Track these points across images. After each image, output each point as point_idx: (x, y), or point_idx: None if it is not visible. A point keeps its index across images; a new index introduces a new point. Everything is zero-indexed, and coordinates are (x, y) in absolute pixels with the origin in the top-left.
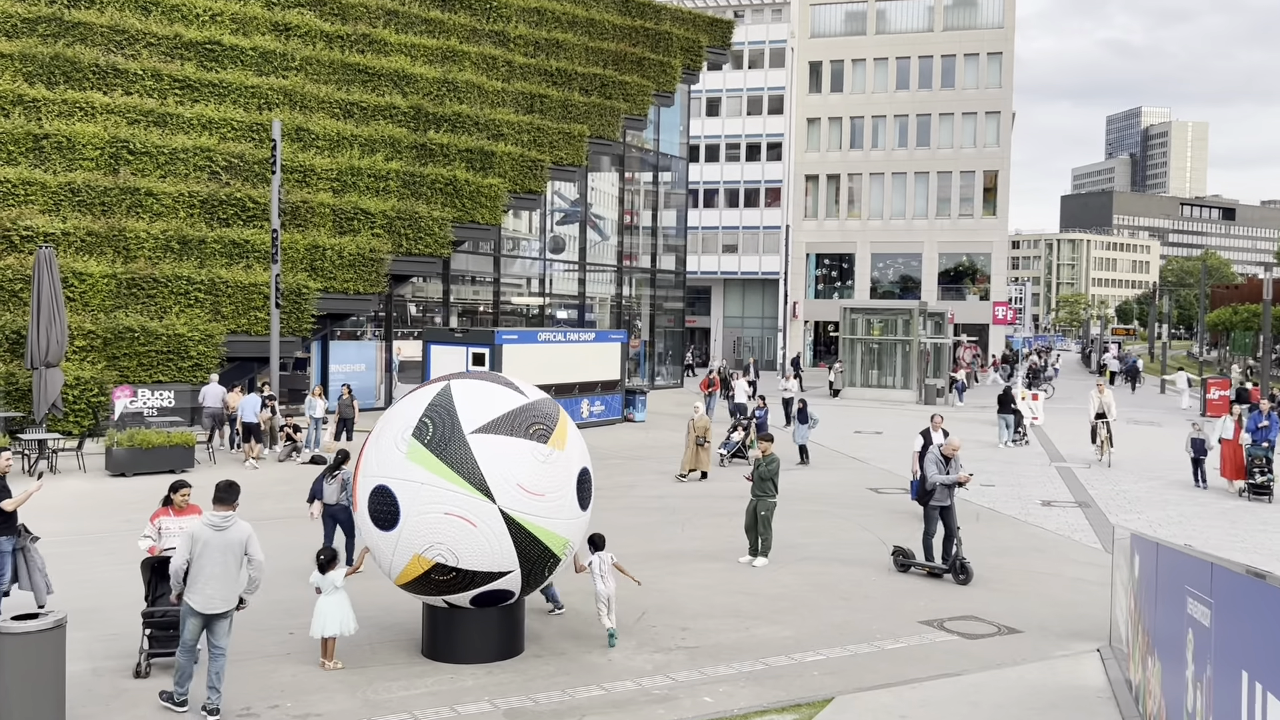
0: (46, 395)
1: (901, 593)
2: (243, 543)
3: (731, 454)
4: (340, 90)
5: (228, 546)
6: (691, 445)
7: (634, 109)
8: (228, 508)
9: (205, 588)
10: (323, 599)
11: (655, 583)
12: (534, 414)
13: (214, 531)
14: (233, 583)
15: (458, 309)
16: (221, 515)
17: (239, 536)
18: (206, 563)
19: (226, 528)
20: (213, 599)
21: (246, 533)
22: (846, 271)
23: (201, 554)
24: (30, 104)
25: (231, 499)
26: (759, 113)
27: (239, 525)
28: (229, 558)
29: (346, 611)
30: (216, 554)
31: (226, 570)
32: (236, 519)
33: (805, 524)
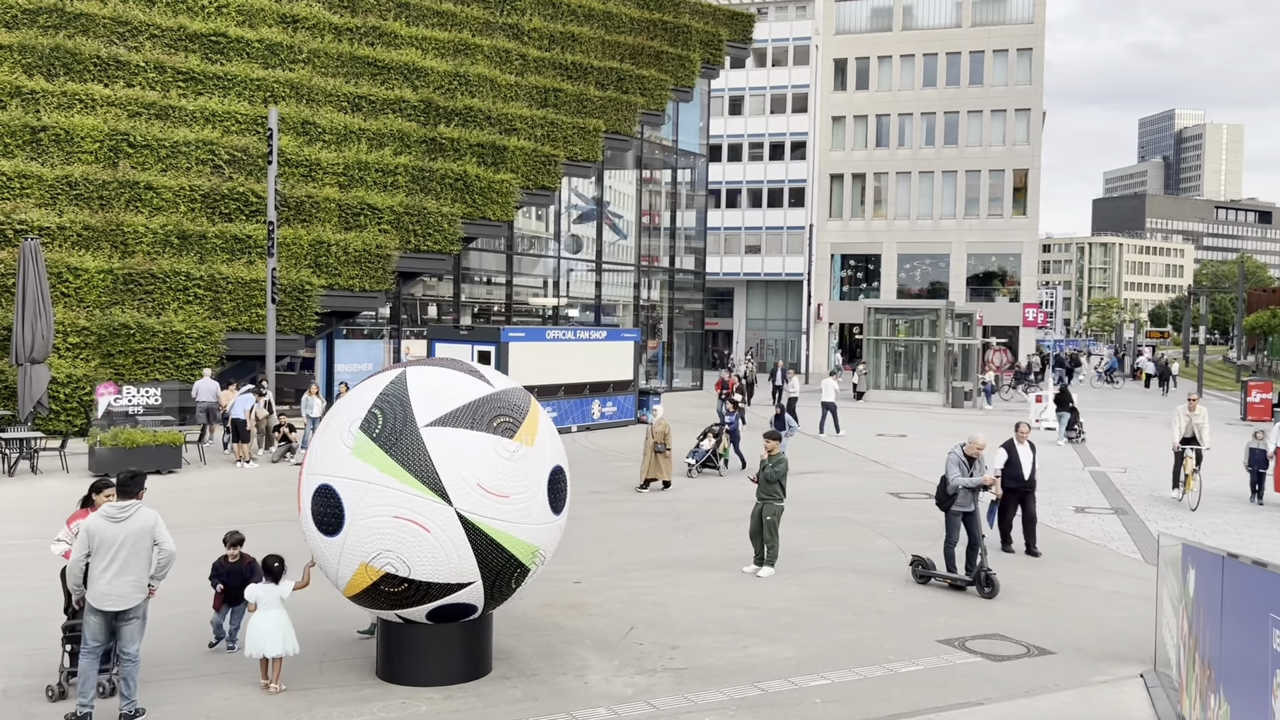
0: (32, 392)
1: (920, 607)
2: (147, 532)
3: (701, 463)
4: (348, 84)
5: (129, 538)
6: (649, 452)
7: (651, 104)
8: (128, 498)
9: (100, 582)
10: (259, 615)
11: (648, 594)
12: (499, 405)
13: (111, 524)
14: (134, 578)
15: (472, 308)
16: (119, 506)
17: (142, 526)
18: (103, 559)
19: (125, 518)
20: (108, 595)
21: (152, 520)
22: (872, 273)
23: (98, 549)
24: (29, 96)
25: (134, 489)
26: (783, 111)
27: (142, 514)
28: (130, 551)
29: (289, 629)
30: (114, 548)
31: (126, 565)
32: (140, 508)
33: (818, 530)
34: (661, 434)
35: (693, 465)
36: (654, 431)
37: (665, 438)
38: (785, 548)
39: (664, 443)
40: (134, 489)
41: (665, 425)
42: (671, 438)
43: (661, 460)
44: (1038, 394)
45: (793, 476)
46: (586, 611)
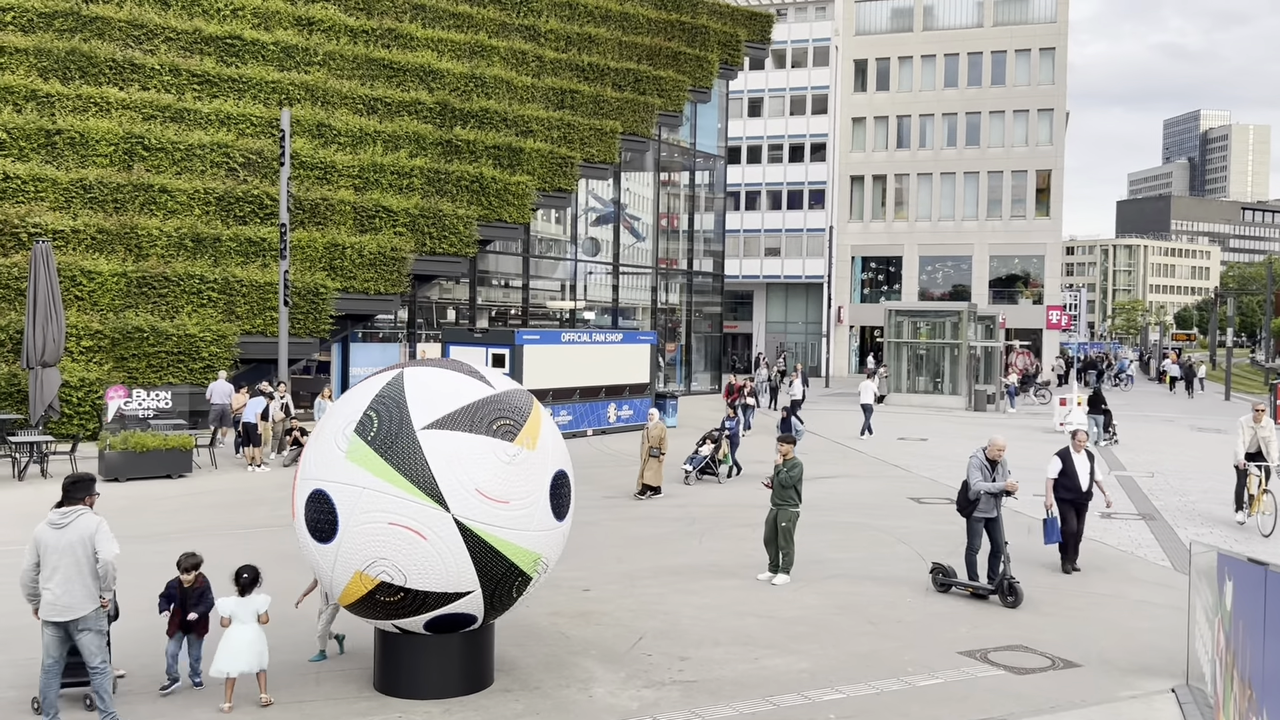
0: (43, 396)
1: (940, 617)
2: (87, 539)
3: (699, 469)
4: (364, 86)
5: (70, 547)
6: (645, 457)
7: (669, 105)
8: (72, 504)
9: (47, 593)
10: (234, 630)
11: (658, 603)
12: (500, 407)
13: (53, 531)
14: (79, 587)
15: (489, 312)
16: (61, 512)
17: (81, 533)
18: (48, 567)
19: (65, 525)
20: (54, 605)
21: (91, 528)
22: (893, 275)
23: (44, 557)
24: (44, 99)
25: (78, 495)
26: (802, 113)
27: (82, 521)
28: (72, 559)
29: (263, 647)
30: (55, 556)
31: (69, 574)
32: (83, 514)
33: (836, 537)
34: (658, 439)
35: (689, 471)
36: (649, 436)
37: (661, 442)
38: (801, 554)
39: (660, 448)
40: (78, 494)
41: (662, 429)
42: (668, 443)
43: (654, 465)
44: (1062, 396)
45: (810, 481)
46: (594, 620)
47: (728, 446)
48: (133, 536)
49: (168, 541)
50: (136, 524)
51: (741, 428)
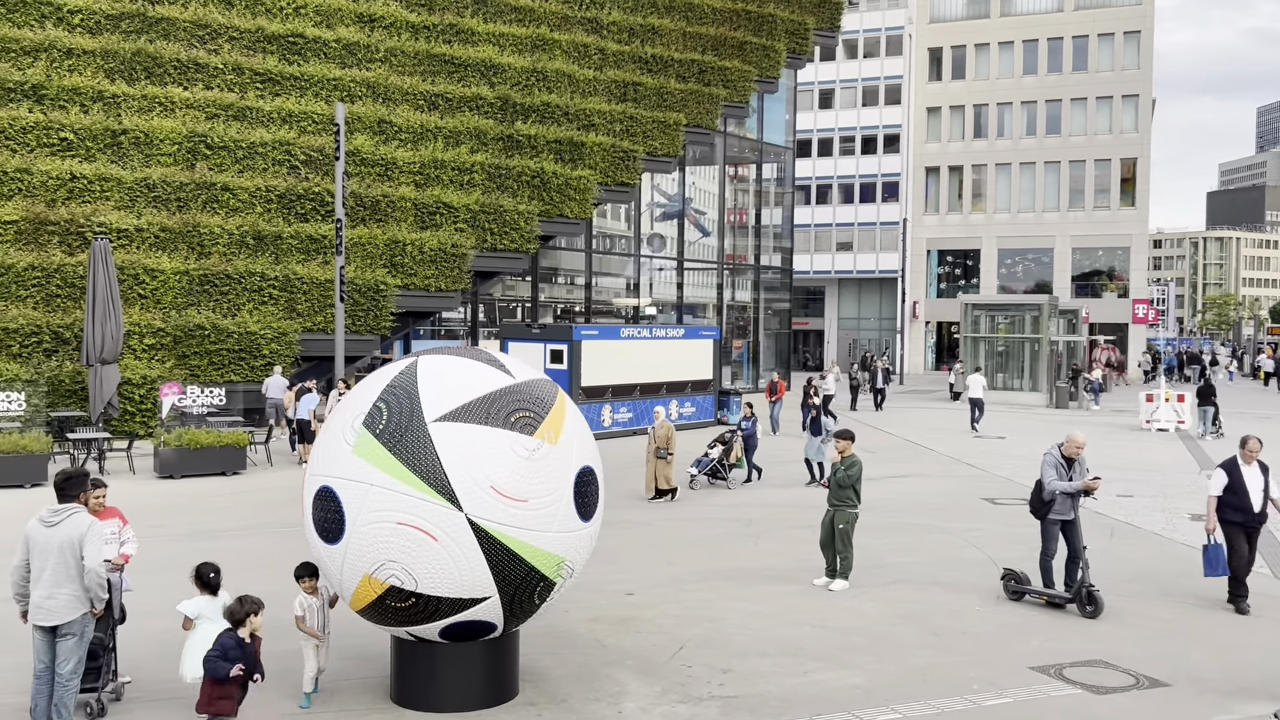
0: (103, 393)
1: (1011, 628)
2: (75, 542)
3: (706, 472)
4: (425, 82)
5: (58, 547)
6: (651, 459)
7: (734, 96)
8: (65, 501)
9: (35, 593)
10: (198, 631)
11: (705, 609)
12: (519, 398)
13: (42, 528)
14: (66, 591)
15: (553, 309)
16: (52, 510)
17: (70, 535)
18: (35, 567)
19: (55, 523)
20: (40, 608)
21: (80, 530)
22: (971, 269)
23: (32, 556)
24: (110, 100)
25: (71, 492)
26: (875, 103)
27: (72, 521)
28: (60, 560)
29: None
30: (43, 555)
31: (57, 576)
32: (74, 514)
33: (901, 539)
34: (664, 438)
35: (695, 475)
36: (655, 436)
37: (669, 443)
38: (862, 558)
39: (667, 448)
40: (71, 491)
41: (668, 429)
42: (675, 443)
43: (662, 467)
44: (1148, 393)
45: (877, 481)
46: (635, 627)
47: (740, 449)
48: (179, 534)
49: (213, 539)
50: (185, 522)
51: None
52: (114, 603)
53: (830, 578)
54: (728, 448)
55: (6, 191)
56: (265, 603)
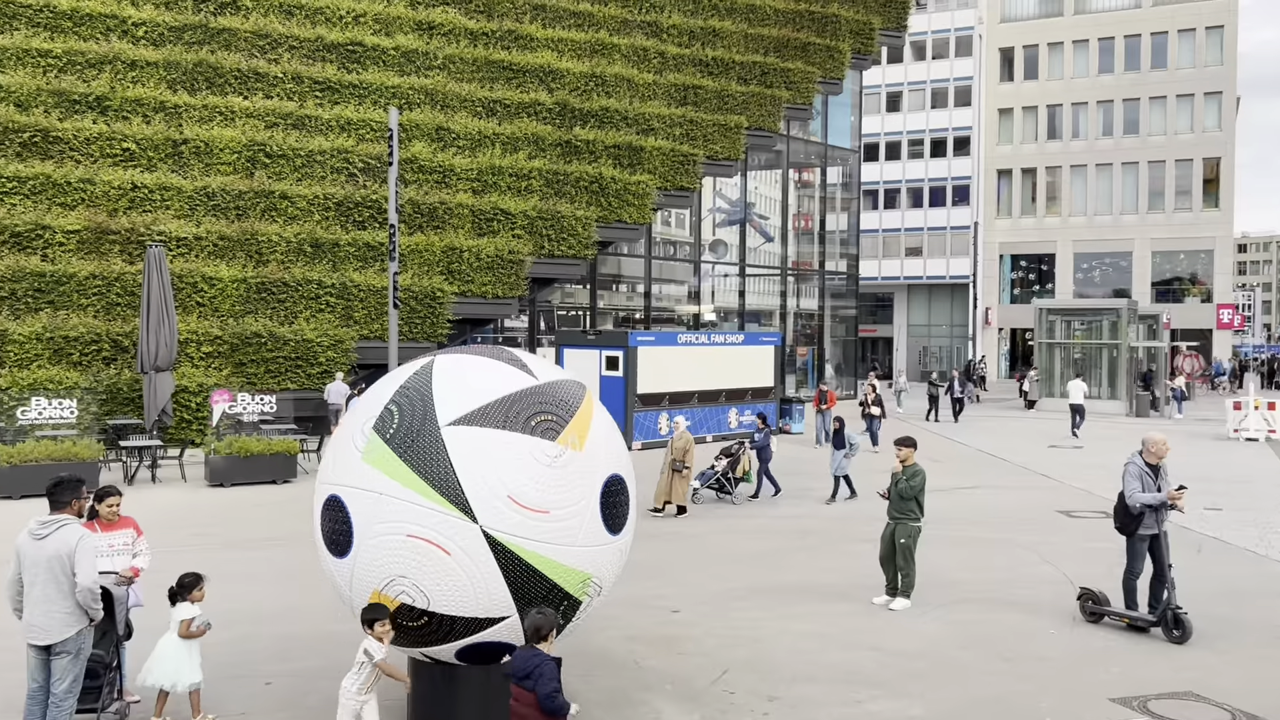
0: (156, 400)
1: (1088, 654)
2: (64, 556)
3: (709, 485)
4: (483, 88)
5: (46, 561)
6: (667, 470)
7: (797, 98)
8: (56, 510)
9: (28, 610)
10: (167, 639)
11: (753, 629)
12: (540, 400)
13: (31, 542)
14: (59, 608)
15: (613, 316)
16: (40, 521)
17: (59, 548)
18: (26, 582)
19: (44, 536)
20: (32, 626)
21: (70, 544)
22: (1045, 274)
23: (23, 570)
24: (171, 110)
25: (61, 499)
26: (944, 105)
27: (61, 534)
28: (50, 576)
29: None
30: (33, 570)
31: (47, 592)
32: (64, 525)
33: (968, 554)
34: (681, 450)
35: (698, 488)
36: (673, 447)
37: (685, 455)
38: (927, 574)
39: (683, 460)
40: (61, 498)
41: (687, 440)
42: (693, 455)
43: (678, 481)
44: (1236, 400)
45: (945, 492)
46: (677, 648)
47: (749, 463)
48: (220, 543)
49: (253, 549)
50: (228, 530)
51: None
52: (118, 618)
53: (890, 596)
54: (734, 460)
55: (70, 201)
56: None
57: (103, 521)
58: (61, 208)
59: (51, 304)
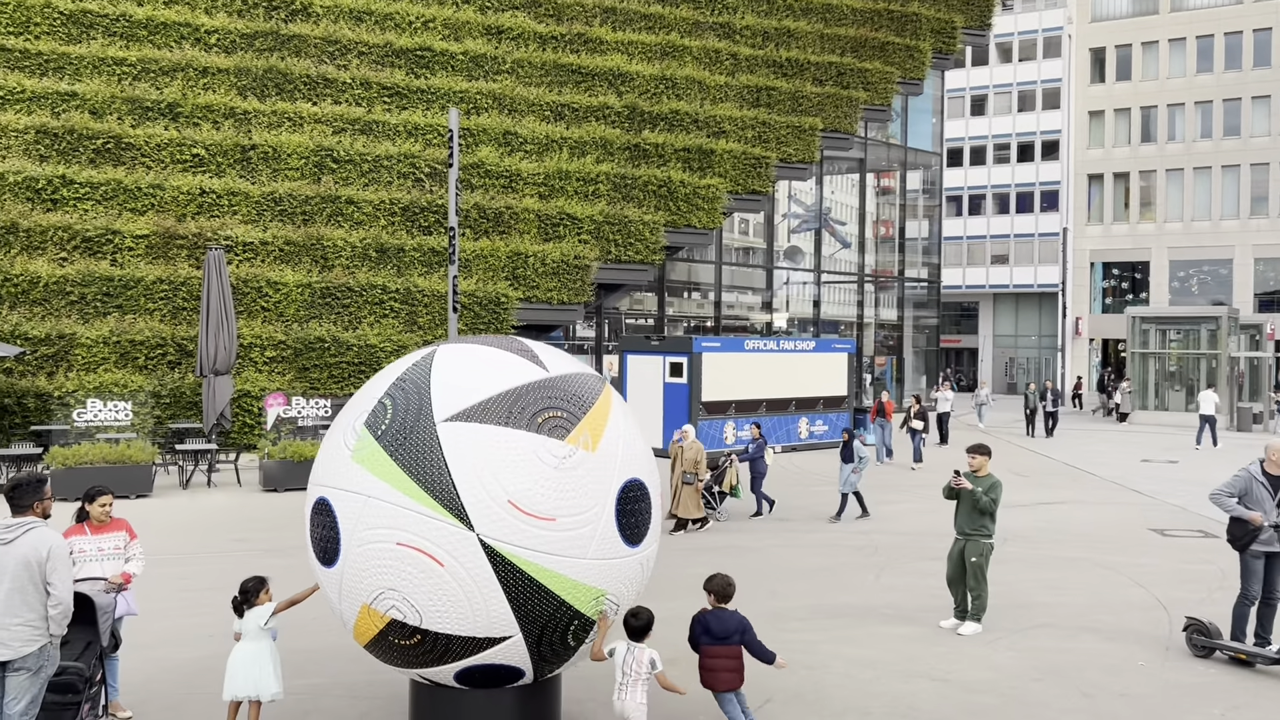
0: (215, 404)
1: (1185, 690)
2: (35, 564)
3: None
4: (551, 92)
5: (12, 569)
6: (678, 484)
7: (875, 99)
8: (20, 514)
9: None
10: (239, 648)
11: (805, 653)
12: (550, 395)
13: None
14: (24, 621)
15: (685, 323)
16: (4, 525)
17: (28, 554)
18: None
19: (9, 541)
20: None
21: (43, 551)
22: (1139, 282)
23: None
24: (241, 116)
25: (23, 502)
26: (1032, 108)
27: (30, 538)
28: (14, 584)
29: (265, 668)
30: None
31: (10, 603)
32: (31, 529)
33: (1049, 575)
34: (693, 461)
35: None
36: (683, 458)
37: (697, 466)
38: (1001, 596)
39: (695, 471)
40: (23, 501)
41: (698, 450)
42: (705, 465)
43: (689, 494)
44: None
45: (1025, 507)
46: None
47: (736, 477)
48: (261, 549)
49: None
50: (271, 536)
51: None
52: (102, 628)
53: (960, 619)
54: (719, 473)
55: (140, 207)
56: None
57: (93, 523)
58: (132, 213)
59: (119, 308)
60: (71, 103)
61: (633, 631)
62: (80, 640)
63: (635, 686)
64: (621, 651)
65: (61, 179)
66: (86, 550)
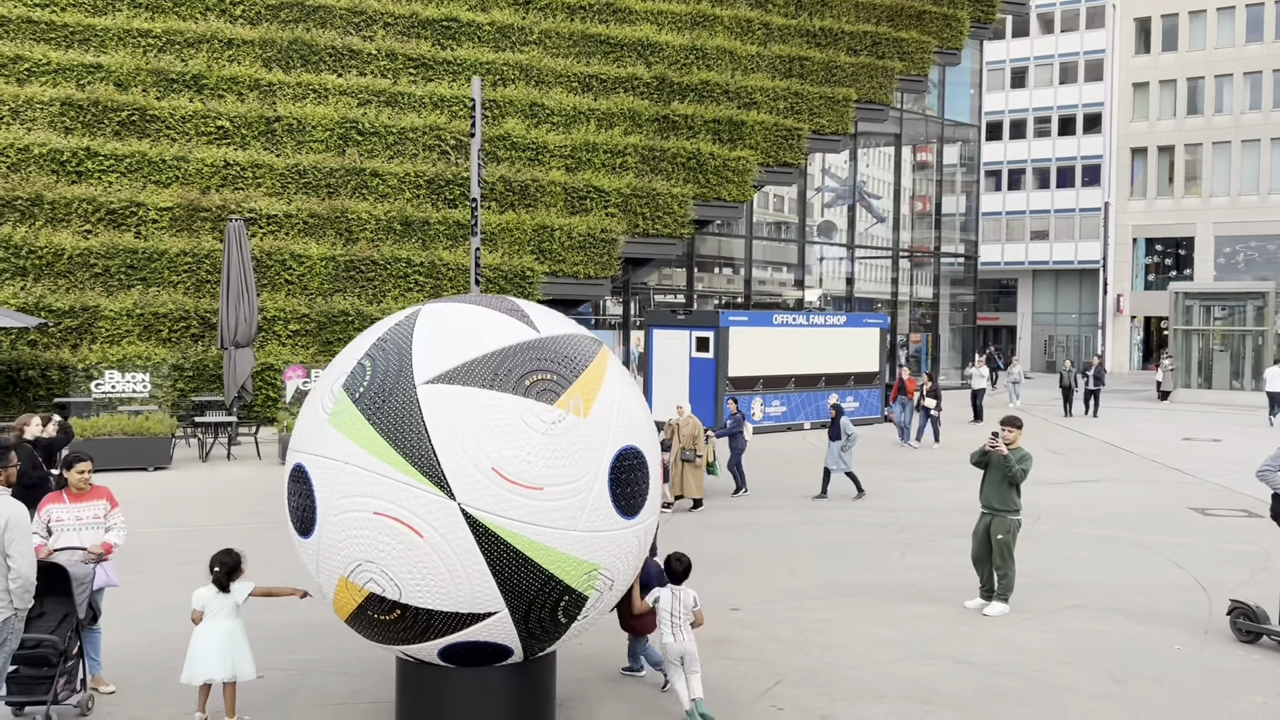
0: (236, 377)
1: (1224, 676)
2: None
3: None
4: (579, 63)
5: None
6: (677, 460)
7: (911, 69)
8: None
9: None
10: (207, 627)
11: (821, 632)
12: (540, 356)
13: None
14: None
15: (717, 299)
16: None
17: None
18: None
19: None
20: None
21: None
22: (1184, 259)
23: None
24: (266, 88)
25: None
26: (1073, 80)
27: None
28: None
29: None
30: None
31: None
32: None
33: (1082, 554)
34: (690, 438)
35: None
36: (680, 434)
37: (695, 442)
38: (1030, 575)
39: (694, 448)
40: None
41: (695, 426)
42: (703, 441)
43: (690, 472)
44: None
45: (1059, 485)
46: (727, 651)
47: (713, 454)
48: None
49: None
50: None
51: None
52: (78, 600)
53: (985, 599)
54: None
55: (164, 179)
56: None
57: (72, 491)
58: (156, 185)
59: (143, 281)
60: (96, 75)
61: (675, 575)
62: (56, 613)
63: (685, 624)
64: (667, 597)
65: (86, 151)
66: (64, 519)
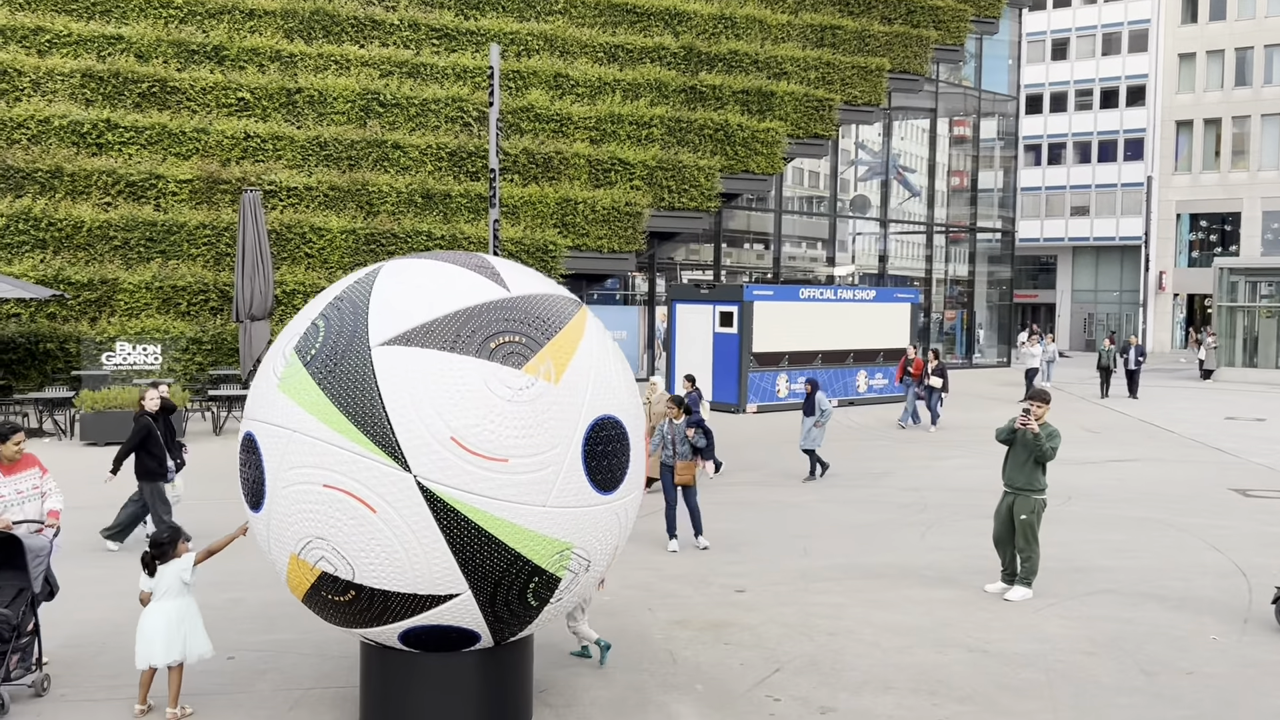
0: (251, 350)
1: (1265, 670)
2: None
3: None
4: (604, 33)
5: None
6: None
7: (947, 38)
8: None
9: None
10: (155, 609)
11: (829, 617)
12: (508, 316)
13: None
14: None
15: (748, 275)
16: None
17: None
18: None
19: None
20: None
21: None
22: (1229, 235)
23: None
24: (287, 60)
25: None
26: (1116, 52)
27: None
28: None
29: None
30: None
31: None
32: None
33: (1114, 536)
34: (660, 415)
35: None
36: (651, 412)
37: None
38: (1057, 558)
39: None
40: None
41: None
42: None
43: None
44: None
45: (1093, 464)
46: (727, 636)
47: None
48: None
49: None
50: None
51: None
52: (34, 574)
53: (1008, 584)
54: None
55: (184, 151)
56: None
57: (4, 464)
58: (176, 157)
59: (162, 253)
60: (117, 46)
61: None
62: (10, 587)
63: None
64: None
65: (106, 123)
66: (5, 494)
